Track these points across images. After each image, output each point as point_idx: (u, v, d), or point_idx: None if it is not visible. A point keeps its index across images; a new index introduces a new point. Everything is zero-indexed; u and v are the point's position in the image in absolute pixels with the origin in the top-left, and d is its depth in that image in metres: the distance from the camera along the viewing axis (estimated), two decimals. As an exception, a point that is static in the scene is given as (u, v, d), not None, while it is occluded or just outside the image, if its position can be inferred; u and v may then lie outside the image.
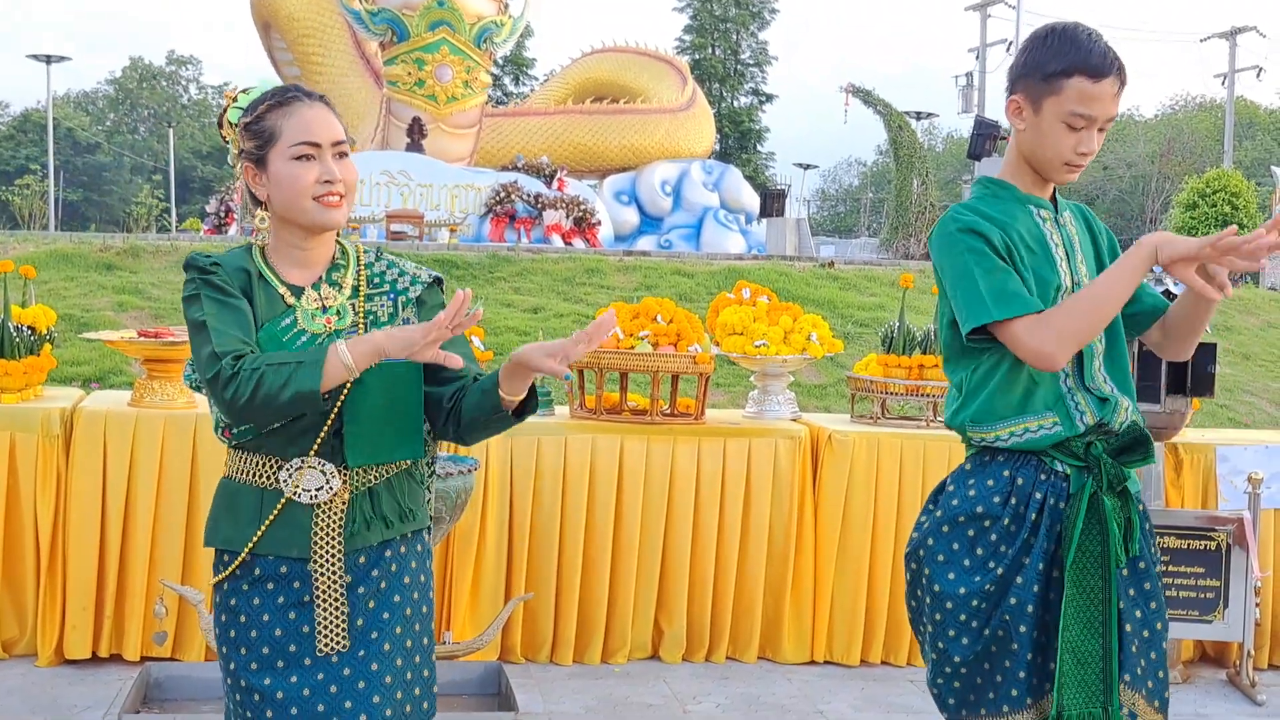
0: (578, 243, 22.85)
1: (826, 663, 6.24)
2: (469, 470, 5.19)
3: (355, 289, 2.98)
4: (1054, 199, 3.20)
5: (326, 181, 2.88)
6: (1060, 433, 3.05)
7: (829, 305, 14.42)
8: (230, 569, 2.91)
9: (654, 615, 6.16)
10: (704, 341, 6.22)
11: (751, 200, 28.44)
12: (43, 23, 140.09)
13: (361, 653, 2.88)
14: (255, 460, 2.91)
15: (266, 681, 2.86)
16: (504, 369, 2.83)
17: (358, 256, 3.05)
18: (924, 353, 6.47)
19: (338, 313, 2.93)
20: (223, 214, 24.81)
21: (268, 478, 2.89)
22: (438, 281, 3.11)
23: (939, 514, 3.19)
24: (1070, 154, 3.04)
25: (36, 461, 5.61)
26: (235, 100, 2.98)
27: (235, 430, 2.90)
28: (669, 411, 6.35)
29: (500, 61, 51.17)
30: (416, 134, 23.91)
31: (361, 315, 2.95)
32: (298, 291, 2.94)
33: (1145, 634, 3.07)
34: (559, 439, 5.99)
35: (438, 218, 22.31)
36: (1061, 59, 3.03)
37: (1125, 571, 3.06)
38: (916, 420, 6.58)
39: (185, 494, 5.67)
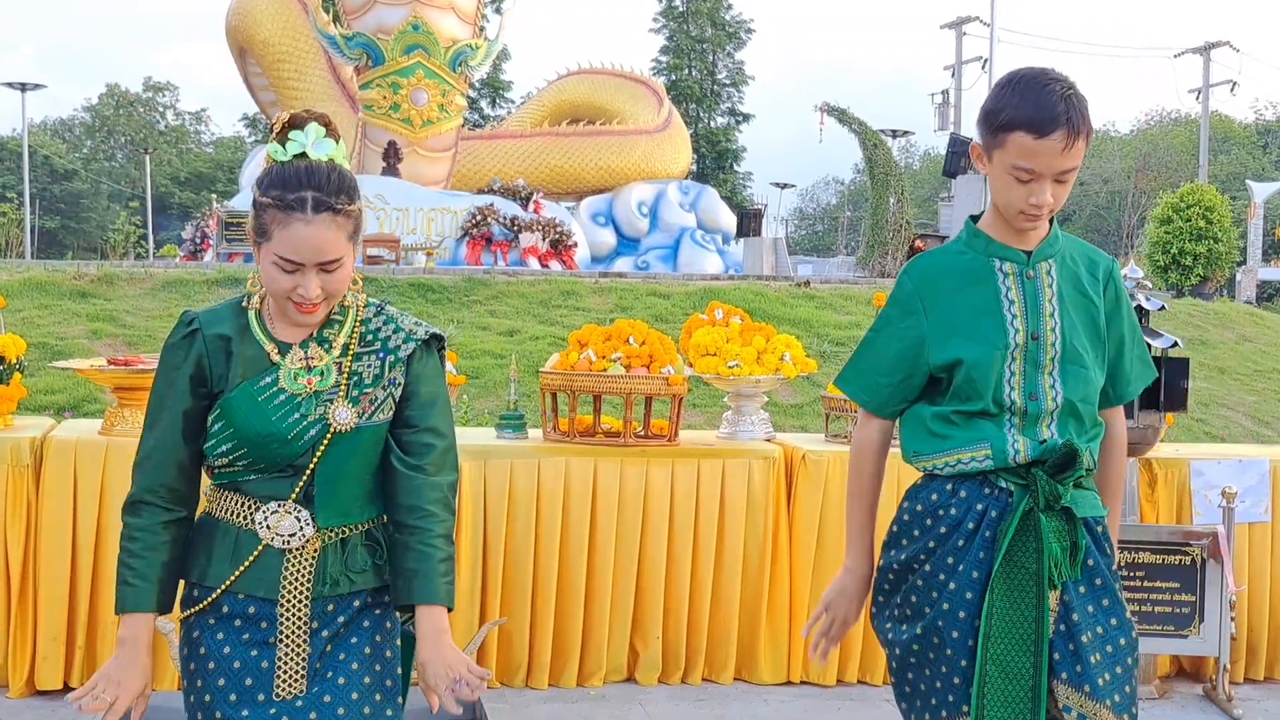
0: (554, 265, 22.87)
1: (803, 683, 6.22)
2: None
3: (345, 347, 2.98)
4: (1042, 243, 3.17)
5: (302, 294, 2.86)
6: (990, 465, 3.08)
7: (805, 324, 14.44)
8: (200, 605, 2.93)
9: (629, 638, 6.14)
10: (677, 363, 6.21)
11: (728, 220, 28.53)
12: (18, 51, 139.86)
13: (315, 688, 2.89)
14: (234, 499, 2.94)
15: (218, 715, 2.87)
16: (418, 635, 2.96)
17: (357, 312, 3.03)
18: (897, 371, 6.46)
19: (321, 373, 2.93)
20: (198, 240, 24.77)
21: (245, 518, 2.92)
22: (435, 339, 3.08)
23: (893, 522, 3.28)
24: (1023, 204, 3.03)
25: (6, 491, 5.57)
26: (284, 133, 2.91)
27: (216, 470, 2.94)
28: (643, 433, 6.34)
29: (476, 84, 51.28)
30: (392, 158, 23.92)
31: (346, 375, 2.95)
32: (285, 348, 2.94)
33: (1109, 649, 3.06)
34: (532, 462, 5.97)
35: (414, 242, 22.33)
36: (1007, 111, 3.02)
37: (1083, 588, 3.08)
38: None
39: (156, 522, 5.63)
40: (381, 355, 2.99)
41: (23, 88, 49.28)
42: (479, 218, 23.10)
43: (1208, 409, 13.47)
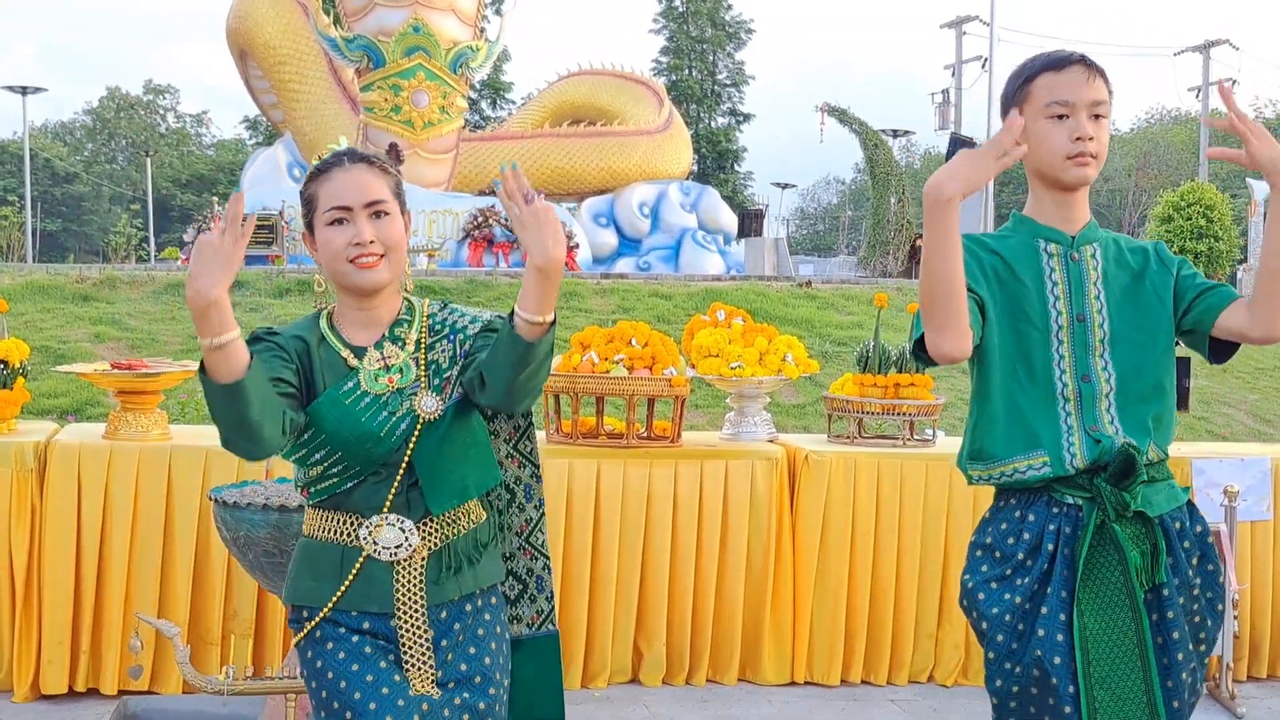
0: (556, 266, 22.81)
1: (807, 683, 6.22)
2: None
3: (418, 342, 3.02)
4: (1085, 228, 3.17)
5: (356, 244, 2.91)
6: (1049, 474, 3.03)
7: (807, 325, 14.44)
8: (311, 624, 2.95)
9: (633, 639, 6.15)
10: (679, 364, 6.21)
11: (730, 220, 28.49)
12: (18, 53, 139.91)
13: (440, 700, 2.91)
14: (335, 518, 2.96)
15: (373, 707, 2.85)
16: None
17: (423, 310, 3.08)
18: (900, 371, 6.48)
19: (400, 370, 2.97)
20: (200, 243, 24.71)
21: (348, 535, 2.95)
22: (500, 319, 3.06)
23: (968, 556, 3.20)
24: (1066, 144, 3.05)
25: (10, 495, 5.57)
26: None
27: (313, 490, 2.96)
28: (645, 435, 6.35)
29: (477, 86, 51.25)
30: (393, 159, 23.87)
31: (424, 369, 2.99)
32: (360, 352, 2.98)
33: (1164, 661, 3.02)
34: (535, 464, 5.97)
35: (416, 243, 22.27)
36: (1023, 72, 3.14)
37: (1150, 597, 3.02)
38: (893, 439, 6.59)
39: (160, 526, 5.64)
40: (451, 338, 3.04)
41: (23, 91, 49.28)
42: (480, 219, 23.09)
43: (1210, 407, 13.46)
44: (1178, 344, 3.22)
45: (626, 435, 6.18)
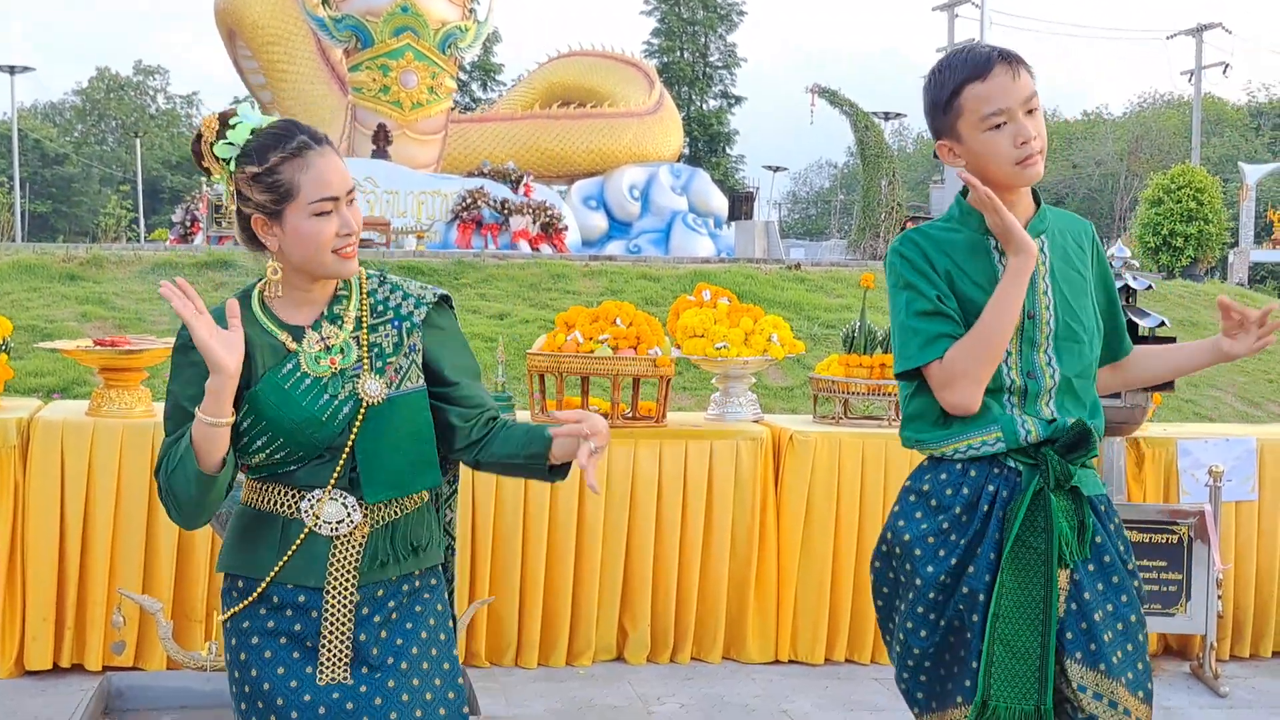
0: (545, 248, 22.83)
1: (791, 662, 6.24)
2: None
3: (358, 320, 2.94)
4: (1032, 219, 3.15)
5: (346, 234, 2.84)
6: (1002, 448, 3.06)
7: (795, 307, 14.42)
8: (249, 599, 2.89)
9: (618, 617, 6.16)
10: (664, 344, 6.21)
11: (720, 204, 28.44)
12: (6, 32, 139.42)
13: (378, 674, 2.86)
14: (276, 489, 2.89)
15: (279, 702, 2.83)
16: (558, 434, 2.84)
17: (360, 285, 2.99)
18: (885, 352, 6.48)
19: (341, 350, 2.89)
20: (188, 224, 24.72)
21: (289, 508, 2.87)
22: (444, 300, 3.04)
23: (899, 500, 3.21)
24: (1012, 150, 3.01)
25: (-7, 473, 5.58)
26: (219, 132, 2.87)
27: (252, 464, 2.87)
28: (631, 415, 6.35)
29: (468, 67, 51.19)
30: (382, 141, 23.86)
31: (365, 349, 2.90)
32: (298, 334, 2.89)
33: (1120, 626, 3.06)
34: (520, 443, 5.97)
35: (404, 225, 22.29)
36: (946, 85, 3.06)
37: (1091, 567, 3.06)
38: (878, 420, 6.60)
39: (144, 502, 5.64)
40: (396, 324, 2.95)
41: (11, 70, 49.13)
42: (469, 201, 23.05)
43: (1197, 389, 13.47)
44: (1157, 326, 3.27)
45: (611, 415, 6.18)
